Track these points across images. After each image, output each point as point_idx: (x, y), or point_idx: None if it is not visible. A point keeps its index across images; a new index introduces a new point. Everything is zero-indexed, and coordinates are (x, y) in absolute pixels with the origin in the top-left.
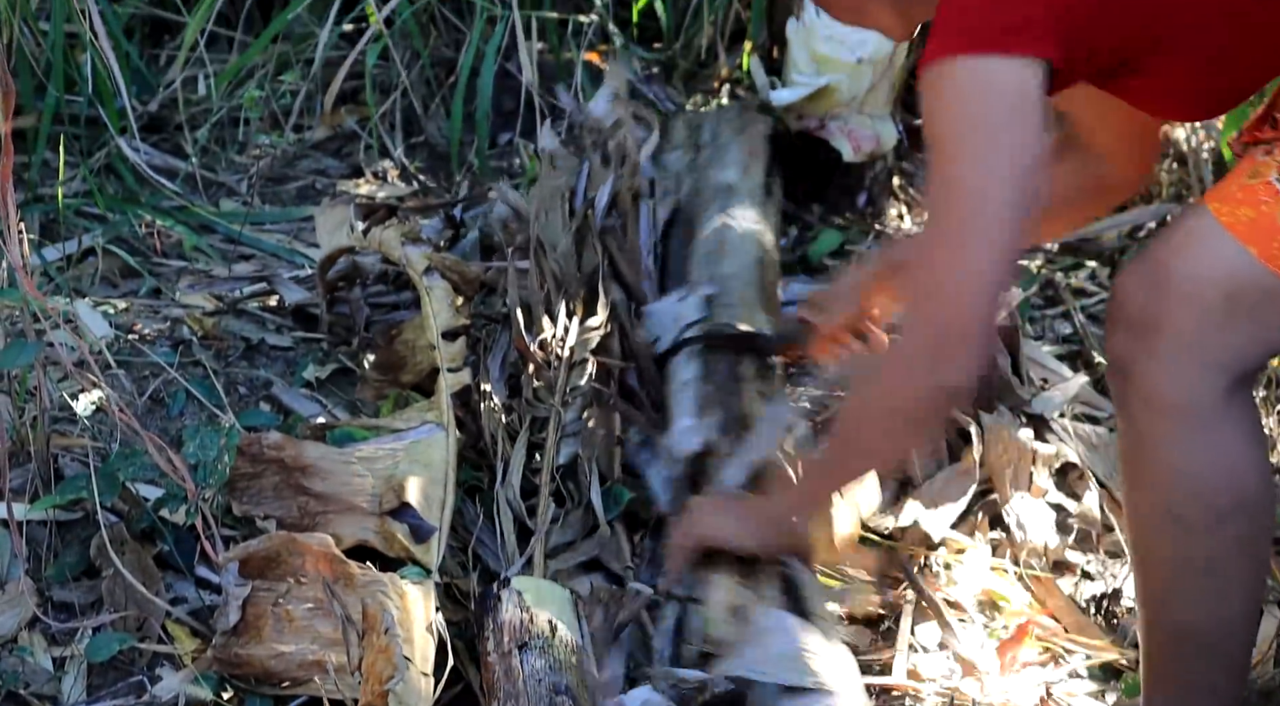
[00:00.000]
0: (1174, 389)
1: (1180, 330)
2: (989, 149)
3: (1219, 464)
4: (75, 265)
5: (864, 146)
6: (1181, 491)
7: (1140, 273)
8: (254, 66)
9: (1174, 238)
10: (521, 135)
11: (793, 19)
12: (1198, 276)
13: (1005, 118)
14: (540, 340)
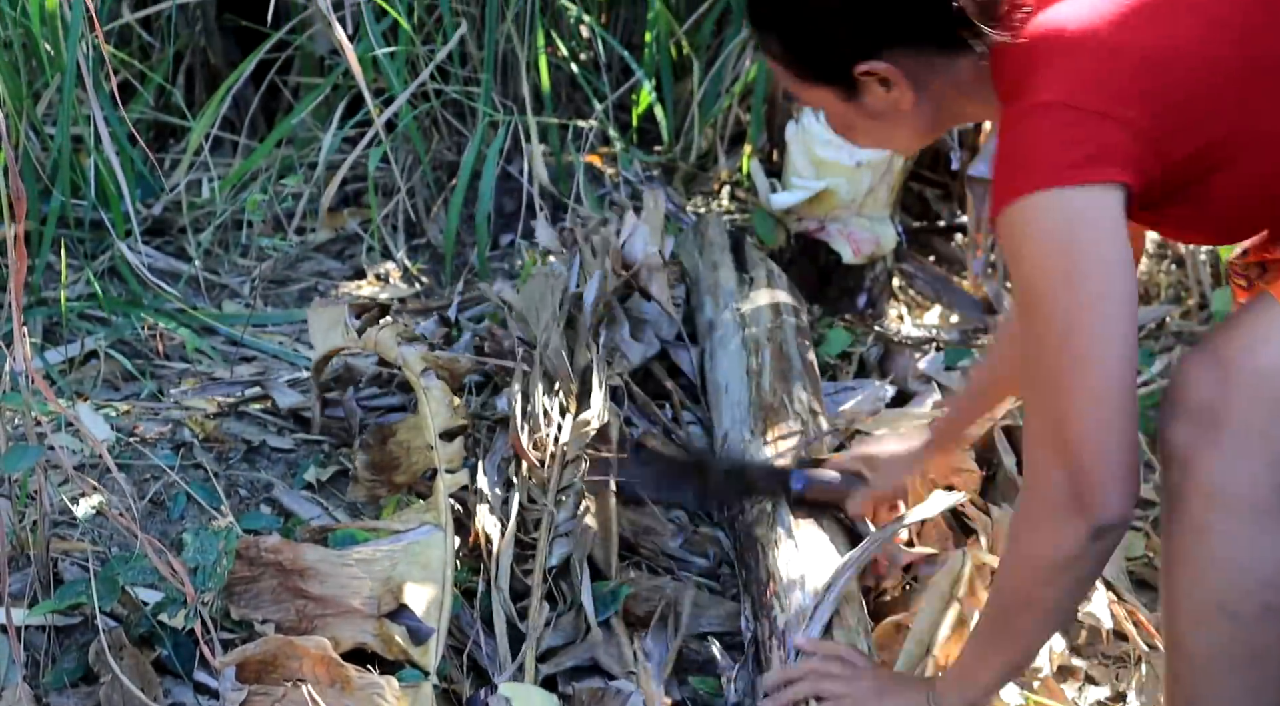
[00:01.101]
0: (1237, 482)
1: (1247, 424)
2: (1091, 283)
3: (1277, 559)
4: (78, 368)
5: (864, 249)
6: (1237, 585)
7: (1204, 363)
8: (257, 170)
9: (1240, 329)
10: (523, 237)
11: (792, 122)
12: (1265, 369)
13: (1100, 249)
14: (535, 438)
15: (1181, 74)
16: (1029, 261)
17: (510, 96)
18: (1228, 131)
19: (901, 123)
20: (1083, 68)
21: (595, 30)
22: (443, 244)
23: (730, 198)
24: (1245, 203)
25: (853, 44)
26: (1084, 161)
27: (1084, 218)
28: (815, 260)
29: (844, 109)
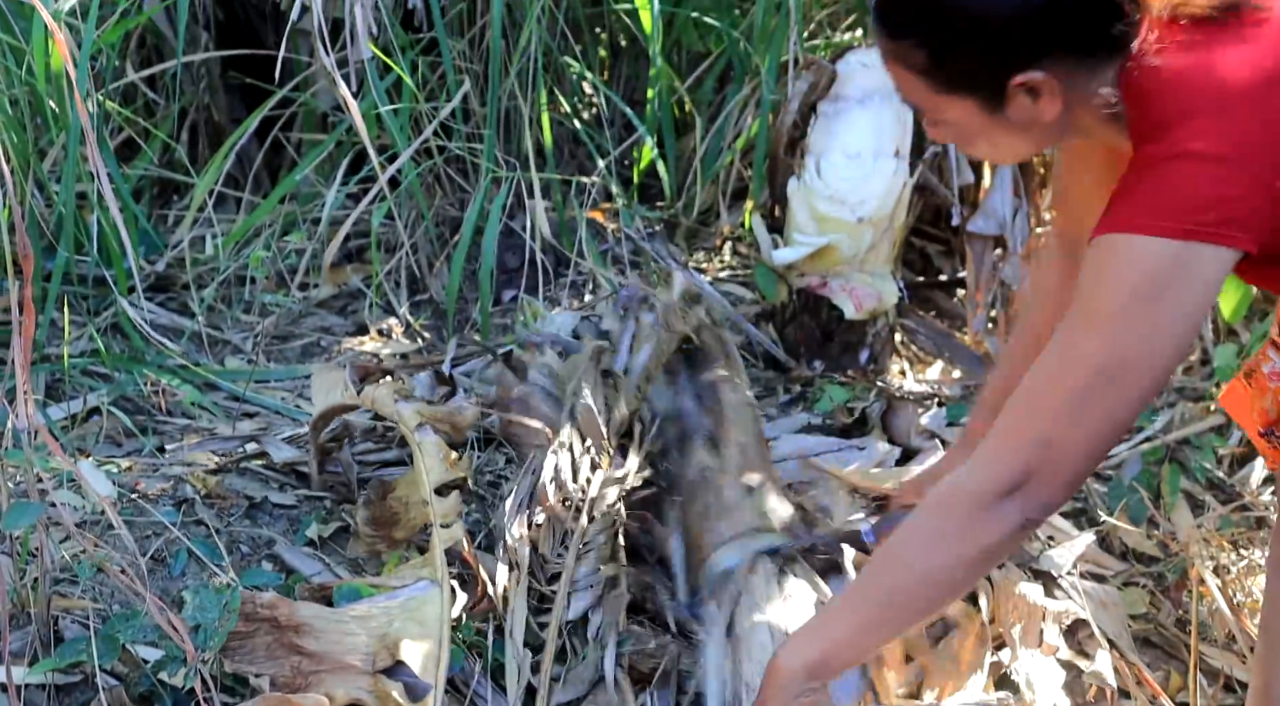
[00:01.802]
0: None
1: None
2: (1164, 336)
3: None
4: (80, 424)
5: (866, 304)
6: None
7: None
8: (261, 226)
9: None
10: (525, 292)
11: (793, 179)
12: None
13: (1191, 308)
14: (562, 497)
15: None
16: (1118, 288)
17: (513, 153)
18: None
19: (1033, 135)
20: (1242, 129)
21: (597, 87)
22: (445, 300)
23: (732, 253)
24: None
25: (1015, 54)
26: (1224, 223)
27: (1195, 274)
28: (817, 315)
29: (981, 120)
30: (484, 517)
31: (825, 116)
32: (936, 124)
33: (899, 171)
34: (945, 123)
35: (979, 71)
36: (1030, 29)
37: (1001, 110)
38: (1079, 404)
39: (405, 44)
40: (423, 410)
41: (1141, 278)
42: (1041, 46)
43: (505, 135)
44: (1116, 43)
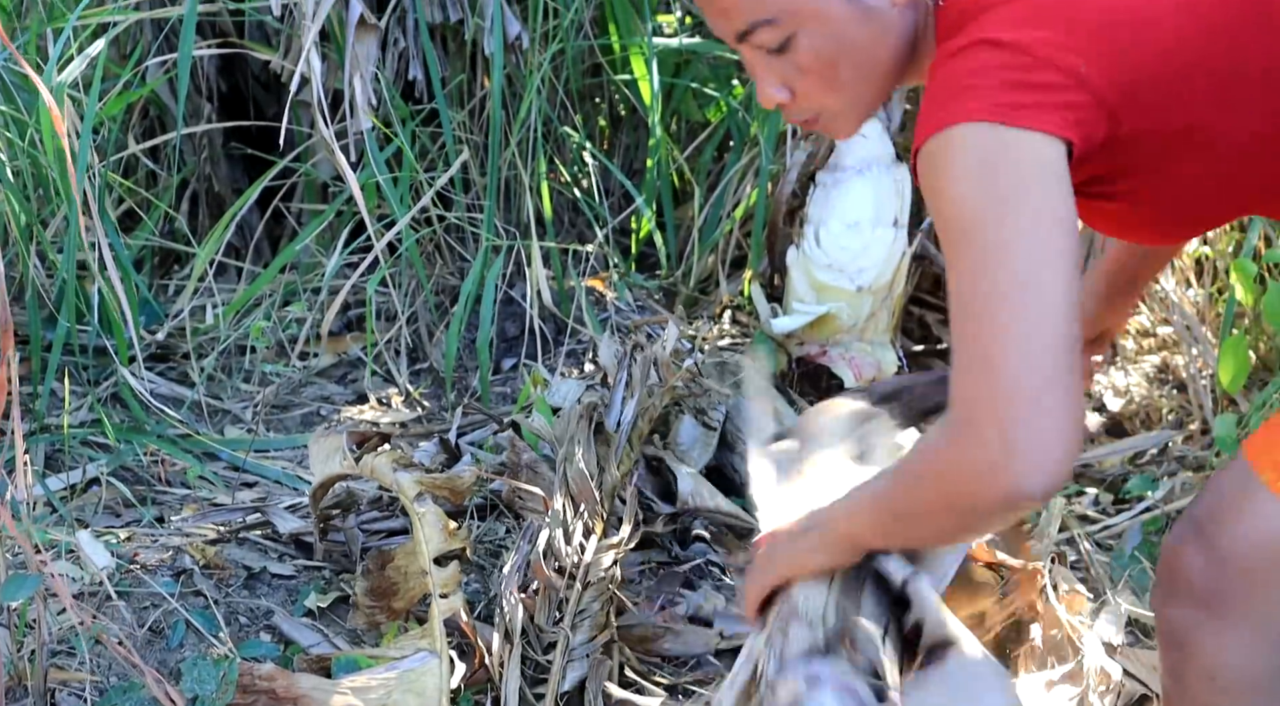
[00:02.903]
0: (1240, 664)
1: (1245, 604)
2: (1026, 210)
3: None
4: (79, 495)
5: (865, 373)
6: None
7: (1195, 545)
8: (261, 296)
9: (1223, 504)
10: (525, 361)
11: (793, 248)
12: (1256, 546)
13: (1038, 181)
14: (557, 565)
15: (1151, 49)
16: (954, 192)
17: (512, 221)
18: (1194, 124)
19: (886, 40)
20: (1040, 12)
21: (596, 157)
22: (444, 368)
23: (732, 321)
24: (1198, 201)
25: None
26: (1028, 105)
27: (1021, 158)
28: (817, 384)
29: (838, 8)
30: (484, 587)
31: (824, 186)
32: (786, 50)
33: (898, 240)
34: (801, 37)
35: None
36: None
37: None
38: (996, 332)
39: (406, 115)
40: (422, 479)
41: (967, 166)
42: None
43: (505, 204)
44: None
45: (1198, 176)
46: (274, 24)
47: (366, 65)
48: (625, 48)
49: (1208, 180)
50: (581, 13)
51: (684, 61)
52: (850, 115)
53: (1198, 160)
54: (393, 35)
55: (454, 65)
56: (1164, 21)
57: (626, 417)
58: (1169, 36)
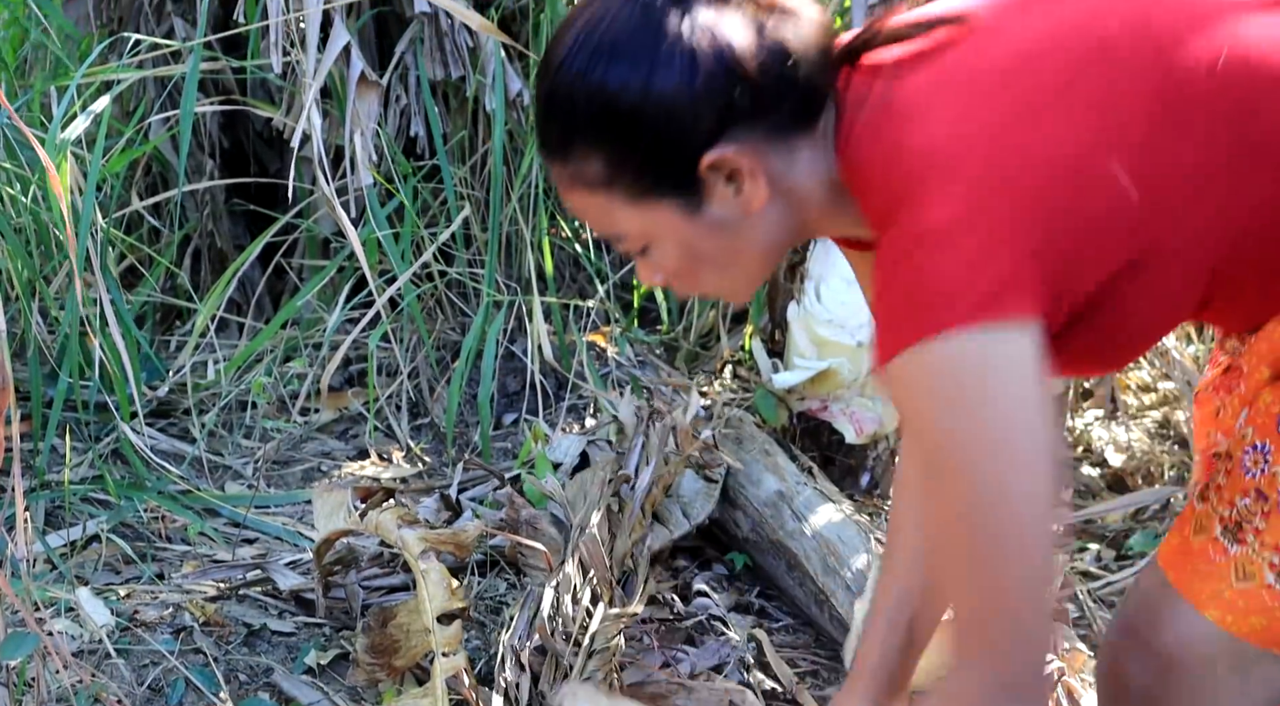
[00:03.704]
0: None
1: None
2: (1008, 430)
3: None
4: (79, 552)
5: (866, 428)
6: None
7: (1134, 653)
8: (263, 351)
9: (1157, 608)
10: (526, 416)
11: (793, 303)
12: (1193, 644)
13: (1019, 391)
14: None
15: (1082, 197)
16: (931, 414)
17: (514, 277)
18: (1132, 255)
19: (750, 237)
20: (979, 185)
21: None
22: (445, 423)
23: (733, 376)
24: (1151, 319)
25: (693, 132)
26: (994, 295)
27: (999, 356)
28: (818, 439)
29: (688, 230)
30: (484, 644)
31: (824, 242)
32: (647, 255)
33: None
34: (655, 249)
35: (662, 161)
36: (698, 102)
37: (703, 207)
38: (985, 564)
39: (407, 171)
40: (426, 535)
41: (945, 390)
42: (718, 121)
43: (506, 259)
44: (803, 110)
45: (1153, 292)
46: (276, 81)
47: (368, 122)
48: None
49: (1161, 295)
50: None
51: None
52: (737, 292)
53: (1146, 280)
54: (395, 92)
55: (455, 121)
56: (1089, 155)
57: (642, 485)
58: (1096, 174)
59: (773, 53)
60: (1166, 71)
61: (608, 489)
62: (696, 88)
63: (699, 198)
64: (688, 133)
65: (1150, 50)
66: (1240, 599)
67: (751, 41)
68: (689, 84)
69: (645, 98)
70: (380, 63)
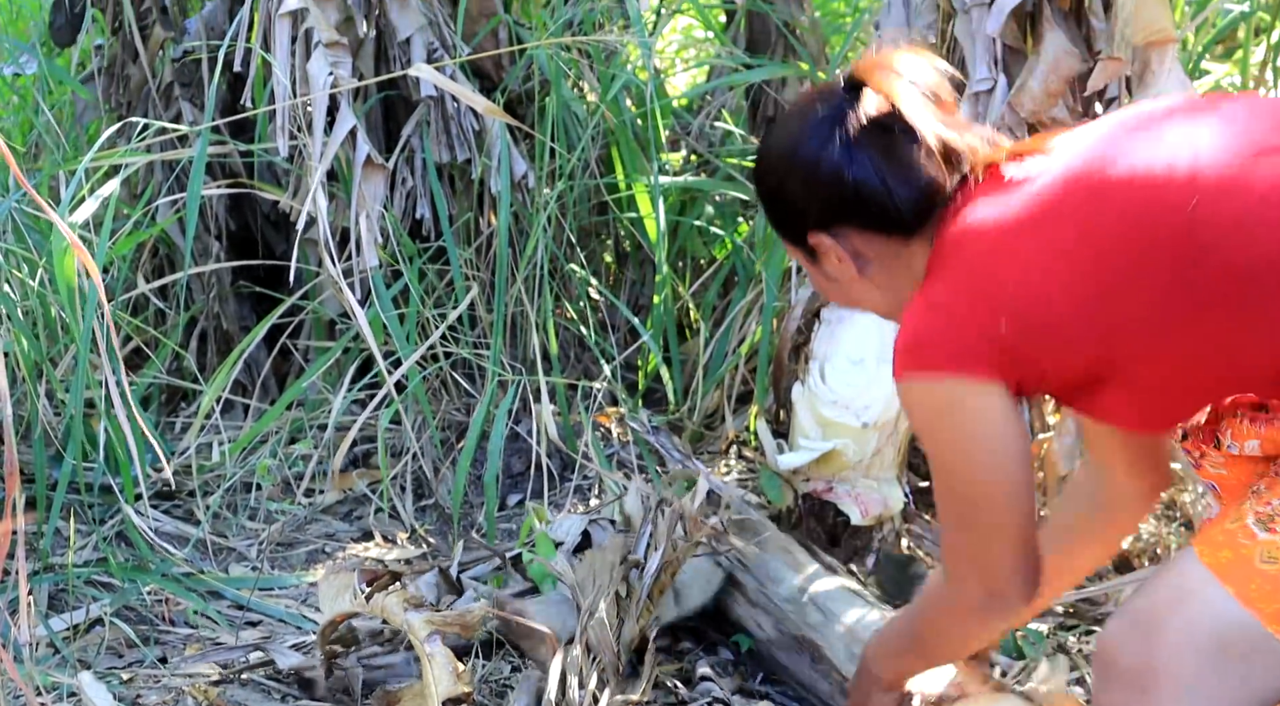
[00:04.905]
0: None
1: (1176, 679)
2: (974, 450)
3: None
4: (82, 635)
5: (872, 510)
6: None
7: (1129, 624)
8: (268, 433)
9: (1161, 586)
10: (531, 498)
11: (798, 384)
12: (1188, 624)
13: (985, 420)
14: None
15: (1043, 307)
16: (920, 425)
17: (519, 357)
18: (1098, 355)
19: (857, 291)
20: (967, 281)
21: (603, 293)
22: (450, 504)
23: (738, 456)
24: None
25: (806, 217)
26: (956, 357)
27: (963, 402)
28: (823, 520)
29: (812, 270)
30: None
31: (828, 323)
32: (809, 277)
33: None
34: (811, 274)
35: (789, 226)
36: (811, 200)
37: (819, 263)
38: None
39: (413, 252)
40: (432, 617)
41: (924, 413)
42: (826, 216)
43: (511, 340)
44: (907, 222)
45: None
46: (283, 164)
47: (374, 204)
48: (631, 186)
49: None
50: (588, 152)
51: (689, 199)
52: (884, 313)
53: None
54: (401, 174)
55: (461, 203)
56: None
57: (650, 571)
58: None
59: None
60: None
61: (616, 573)
62: (812, 187)
63: (816, 257)
64: (801, 216)
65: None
66: (1221, 535)
67: (875, 179)
68: (807, 182)
69: (781, 177)
70: (387, 146)
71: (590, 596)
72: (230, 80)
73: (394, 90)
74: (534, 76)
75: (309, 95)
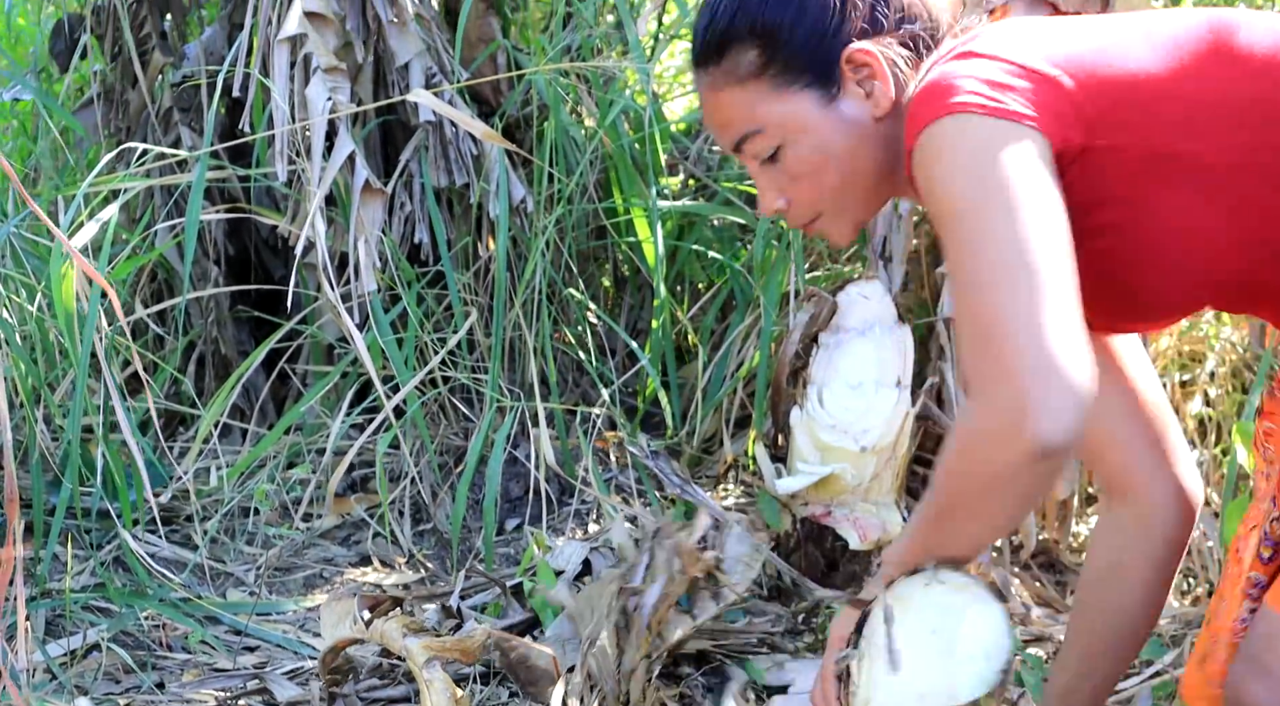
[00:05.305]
0: None
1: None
2: (1016, 193)
3: None
4: (79, 661)
5: (870, 534)
6: None
7: (1256, 676)
8: (266, 457)
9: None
10: (529, 523)
11: (796, 408)
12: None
13: (1025, 167)
14: None
15: (1122, 74)
16: (947, 180)
17: (517, 382)
18: (1165, 151)
19: (868, 149)
20: (1011, 37)
21: (601, 318)
22: (449, 529)
23: (736, 481)
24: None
25: (844, 28)
26: (1011, 102)
27: (1008, 146)
28: (822, 545)
29: (821, 122)
30: None
31: (827, 347)
32: (776, 158)
33: (901, 401)
34: (787, 147)
35: (810, 49)
36: (849, 4)
37: (838, 99)
38: (1002, 304)
39: (411, 277)
40: (431, 643)
41: (957, 154)
42: (865, 23)
43: (510, 365)
44: (930, 38)
45: (1176, 217)
46: (281, 189)
47: (372, 229)
48: (629, 210)
49: (1184, 227)
50: (586, 176)
51: (688, 224)
52: (844, 219)
53: (1174, 192)
54: (399, 199)
55: (459, 228)
56: (1131, 53)
57: (648, 603)
58: (1138, 66)
59: None
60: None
61: (615, 604)
62: None
63: (836, 89)
64: (838, 27)
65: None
66: None
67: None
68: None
69: None
70: (385, 170)
71: (591, 625)
72: (229, 105)
73: (392, 115)
74: (532, 101)
75: (308, 120)
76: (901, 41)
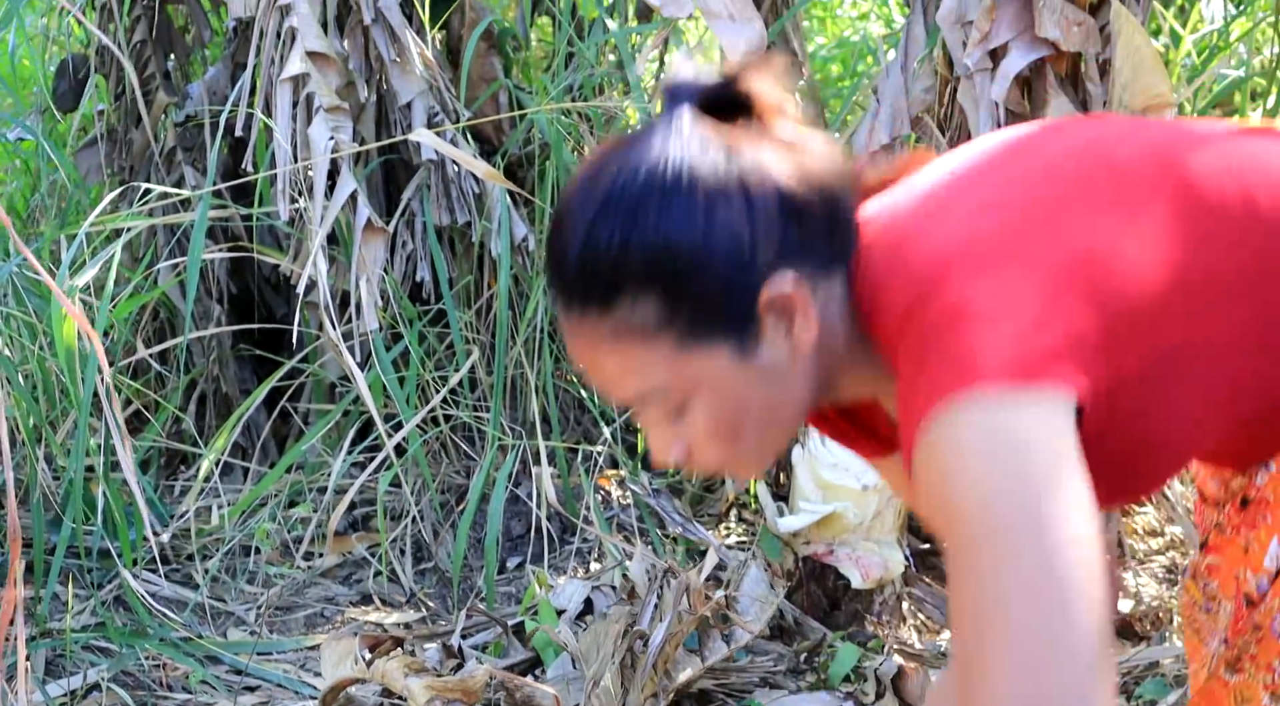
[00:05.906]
0: None
1: None
2: (1048, 492)
3: None
4: (79, 701)
5: (872, 573)
6: None
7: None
8: (267, 496)
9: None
10: (531, 561)
11: (797, 446)
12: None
13: (1051, 468)
14: None
15: (1123, 276)
16: (966, 474)
17: (519, 420)
18: (1180, 342)
19: (791, 388)
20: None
21: None
22: (450, 568)
23: (738, 519)
24: (1187, 428)
25: (756, 266)
26: (1026, 361)
27: (1036, 419)
28: (824, 583)
29: (735, 378)
30: None
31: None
32: (681, 417)
33: None
34: (694, 405)
35: (722, 299)
36: (757, 238)
37: (756, 350)
38: (1026, 637)
39: (413, 315)
40: (432, 683)
41: (983, 448)
42: (775, 256)
43: (511, 403)
44: (843, 243)
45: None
46: (284, 228)
47: (374, 267)
48: None
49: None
50: None
51: None
52: (756, 460)
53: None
54: (401, 237)
55: (461, 266)
56: (1126, 251)
57: (655, 642)
58: (1138, 259)
59: (816, 188)
60: (1179, 185)
61: (621, 643)
62: (755, 223)
63: (754, 340)
64: (748, 268)
65: (1160, 168)
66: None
67: (795, 176)
68: (748, 220)
69: (707, 235)
70: (387, 209)
71: (595, 665)
72: (232, 145)
73: (394, 154)
74: (534, 140)
75: (310, 159)
76: (817, 250)
